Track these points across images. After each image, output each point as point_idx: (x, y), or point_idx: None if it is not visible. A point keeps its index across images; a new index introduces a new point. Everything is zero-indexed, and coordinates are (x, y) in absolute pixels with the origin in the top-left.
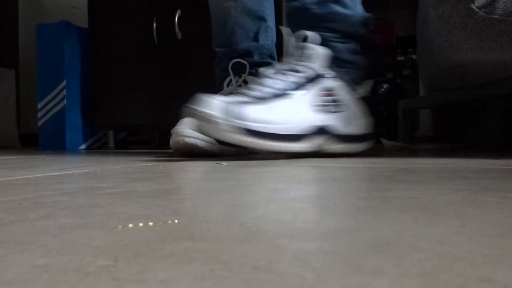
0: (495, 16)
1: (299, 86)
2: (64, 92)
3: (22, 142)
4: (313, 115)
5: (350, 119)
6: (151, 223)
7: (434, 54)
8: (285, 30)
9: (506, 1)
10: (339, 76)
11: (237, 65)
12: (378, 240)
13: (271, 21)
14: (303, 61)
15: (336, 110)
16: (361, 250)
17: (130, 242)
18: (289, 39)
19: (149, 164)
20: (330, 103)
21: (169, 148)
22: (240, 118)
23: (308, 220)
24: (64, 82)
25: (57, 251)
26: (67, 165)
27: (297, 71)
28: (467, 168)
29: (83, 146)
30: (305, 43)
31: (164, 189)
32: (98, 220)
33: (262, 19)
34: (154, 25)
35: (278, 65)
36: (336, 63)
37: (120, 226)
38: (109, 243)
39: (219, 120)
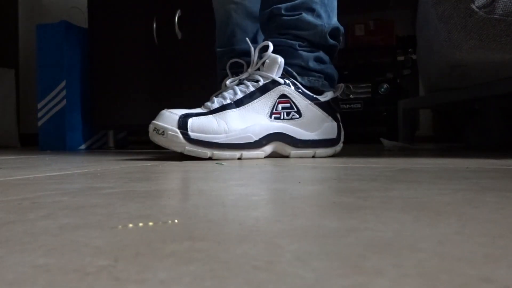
0: (495, 16)
1: (256, 95)
2: (64, 92)
3: (22, 142)
4: (268, 122)
5: (308, 125)
6: (151, 223)
7: (434, 54)
8: (248, 40)
9: (506, 1)
10: (298, 83)
11: (236, 65)
12: (378, 240)
13: None
14: (263, 70)
15: (293, 116)
16: (361, 250)
17: (130, 242)
18: (252, 48)
19: (149, 164)
20: (286, 110)
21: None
22: (185, 128)
23: (308, 220)
24: (64, 82)
25: (57, 251)
26: (67, 165)
27: (256, 81)
28: (467, 168)
29: (83, 146)
30: (265, 53)
31: (164, 189)
32: (98, 220)
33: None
34: (154, 25)
35: (242, 75)
36: (302, 71)
37: (120, 226)
38: (109, 243)
39: (169, 132)
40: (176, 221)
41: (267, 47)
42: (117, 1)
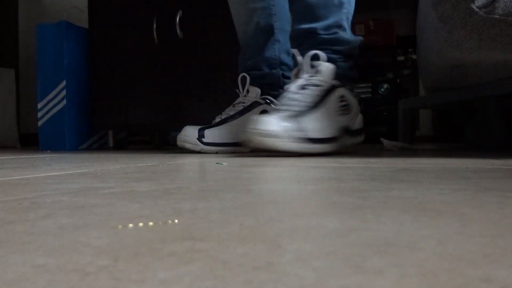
0: (495, 16)
1: (323, 97)
2: (64, 92)
3: (22, 142)
4: (339, 118)
5: (355, 118)
6: (151, 223)
7: (434, 54)
8: (295, 51)
9: (506, 1)
10: (344, 85)
11: (251, 76)
12: (378, 240)
13: (280, 34)
14: (318, 76)
15: (347, 113)
16: (361, 250)
17: (130, 242)
18: (300, 58)
19: (149, 164)
20: (344, 107)
21: (169, 148)
22: (298, 130)
23: (308, 220)
24: (64, 82)
25: (57, 251)
26: (67, 165)
27: (317, 85)
28: (467, 168)
29: (83, 146)
30: (317, 61)
31: (164, 189)
32: (98, 220)
33: (271, 32)
34: (155, 25)
35: (298, 81)
36: (339, 78)
37: (120, 226)
38: (109, 243)
39: (280, 134)
40: (176, 221)
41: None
42: (117, 1)
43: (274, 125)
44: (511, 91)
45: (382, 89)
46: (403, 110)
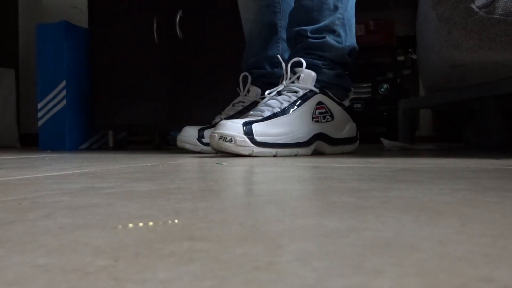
0: (495, 16)
1: (298, 103)
2: (64, 92)
3: (22, 142)
4: (312, 125)
5: (338, 126)
6: (151, 223)
7: (434, 54)
8: (280, 58)
9: (506, 1)
10: (327, 93)
11: (252, 75)
12: (378, 240)
13: (284, 33)
14: (299, 82)
15: (327, 119)
16: (361, 250)
17: (130, 242)
18: (284, 64)
19: (149, 164)
20: (323, 114)
21: (169, 148)
22: (251, 133)
23: (308, 220)
24: (64, 82)
25: (57, 251)
26: (67, 165)
27: (294, 91)
28: (467, 168)
29: (83, 146)
30: (299, 68)
31: (164, 189)
32: (98, 220)
33: (274, 30)
34: (155, 25)
35: (279, 87)
36: (325, 85)
37: (120, 226)
38: (109, 243)
39: (237, 138)
40: (176, 221)
41: (296, 62)
42: (117, 1)
43: (231, 129)
44: (511, 91)
45: (382, 89)
46: (403, 110)
